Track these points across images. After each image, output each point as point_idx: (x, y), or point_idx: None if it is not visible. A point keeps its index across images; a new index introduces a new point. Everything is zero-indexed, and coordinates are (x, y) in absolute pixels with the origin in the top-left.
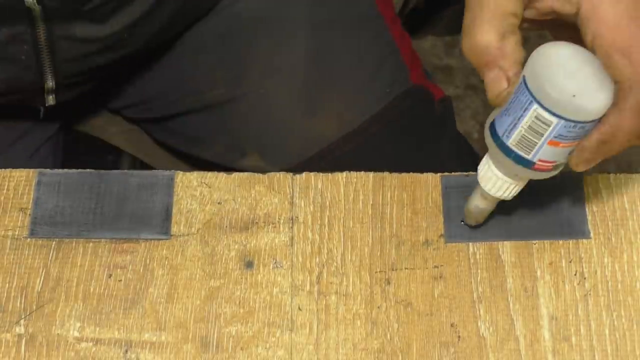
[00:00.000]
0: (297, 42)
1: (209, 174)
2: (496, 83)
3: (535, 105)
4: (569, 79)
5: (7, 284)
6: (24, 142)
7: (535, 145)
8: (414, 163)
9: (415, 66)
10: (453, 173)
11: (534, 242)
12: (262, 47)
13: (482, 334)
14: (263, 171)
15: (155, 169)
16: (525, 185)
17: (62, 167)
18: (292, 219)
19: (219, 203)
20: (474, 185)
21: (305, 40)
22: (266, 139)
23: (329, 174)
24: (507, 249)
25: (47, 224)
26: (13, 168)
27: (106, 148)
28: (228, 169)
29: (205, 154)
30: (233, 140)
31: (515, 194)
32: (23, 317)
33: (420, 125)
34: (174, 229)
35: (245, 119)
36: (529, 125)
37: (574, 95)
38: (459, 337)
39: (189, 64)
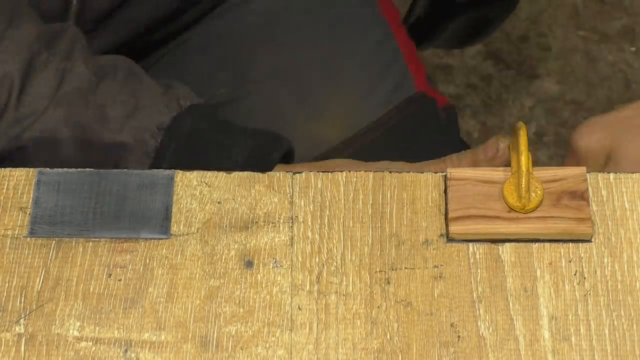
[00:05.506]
0: (302, 44)
1: (209, 173)
2: None
3: None
4: None
5: (7, 284)
6: None
7: None
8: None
9: (420, 73)
10: None
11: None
12: (266, 49)
13: (482, 334)
14: None
15: None
16: None
17: None
18: (291, 218)
19: (218, 202)
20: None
21: (310, 42)
22: None
23: (329, 173)
24: (507, 248)
25: (46, 224)
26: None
27: None
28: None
29: None
30: None
31: None
32: (23, 316)
33: (424, 131)
34: (174, 229)
35: (247, 119)
36: None
37: None
38: (458, 337)
39: (190, 64)
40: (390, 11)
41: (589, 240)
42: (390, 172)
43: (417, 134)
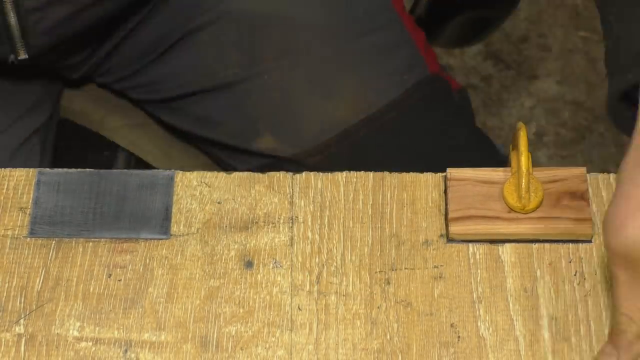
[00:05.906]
0: (312, 25)
1: (209, 173)
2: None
3: None
4: None
5: (7, 284)
6: (8, 134)
7: None
8: (431, 151)
9: (431, 57)
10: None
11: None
12: (278, 30)
13: (482, 334)
14: (277, 153)
15: (152, 165)
16: None
17: (53, 163)
18: (291, 218)
19: (218, 203)
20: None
21: (321, 23)
22: (281, 120)
23: (329, 173)
24: (507, 249)
25: (46, 224)
26: None
27: (102, 143)
28: (241, 150)
29: (217, 135)
30: (247, 121)
31: None
32: (23, 316)
33: (439, 113)
34: (174, 229)
35: (260, 99)
36: None
37: None
38: (458, 337)
39: (202, 46)
40: (398, 1)
41: (589, 241)
42: (390, 172)
43: (431, 115)
